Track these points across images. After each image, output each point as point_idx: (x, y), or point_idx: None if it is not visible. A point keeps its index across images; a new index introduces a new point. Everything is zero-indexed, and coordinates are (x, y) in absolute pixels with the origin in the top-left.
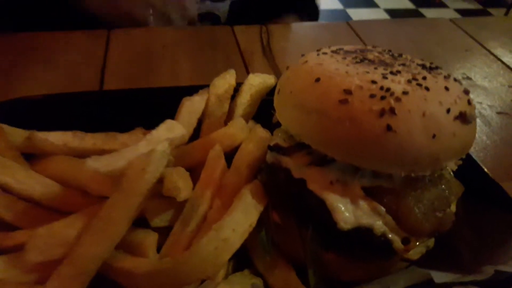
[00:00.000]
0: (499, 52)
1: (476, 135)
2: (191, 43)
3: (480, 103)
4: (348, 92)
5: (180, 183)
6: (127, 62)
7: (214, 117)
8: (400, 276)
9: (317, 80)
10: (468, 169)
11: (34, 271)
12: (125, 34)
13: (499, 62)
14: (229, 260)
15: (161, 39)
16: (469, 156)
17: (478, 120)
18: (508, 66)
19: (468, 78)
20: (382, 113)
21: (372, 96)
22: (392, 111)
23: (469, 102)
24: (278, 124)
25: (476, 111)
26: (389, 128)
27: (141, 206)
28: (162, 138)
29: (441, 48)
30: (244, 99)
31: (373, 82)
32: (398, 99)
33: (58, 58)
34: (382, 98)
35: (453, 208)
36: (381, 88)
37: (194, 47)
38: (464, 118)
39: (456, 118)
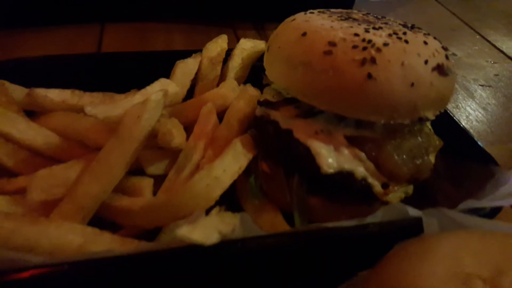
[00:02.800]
0: (485, 32)
1: (460, 105)
2: (185, 19)
3: (464, 77)
4: (332, 44)
5: (174, 131)
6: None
7: (207, 79)
8: (378, 212)
9: (304, 34)
10: (448, 127)
11: (36, 209)
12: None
13: (484, 41)
14: (220, 205)
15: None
16: (448, 115)
17: (462, 92)
18: (493, 45)
19: (454, 54)
20: (363, 62)
21: (354, 47)
22: (373, 60)
23: (447, 57)
24: (268, 86)
25: (461, 84)
26: (369, 76)
27: (136, 152)
28: None
29: (428, 27)
30: (236, 62)
31: (356, 35)
32: (378, 50)
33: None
34: (364, 49)
35: (432, 160)
36: (363, 40)
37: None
38: (442, 70)
39: (433, 69)
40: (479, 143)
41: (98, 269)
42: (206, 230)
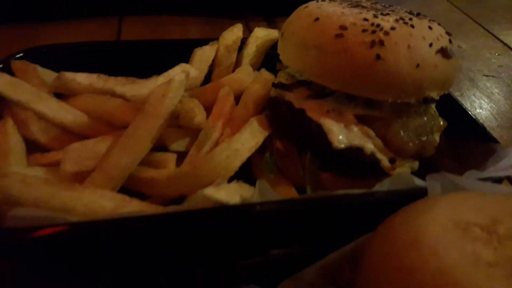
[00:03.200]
0: (489, 26)
1: (464, 94)
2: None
3: (469, 68)
4: (343, 28)
5: (196, 109)
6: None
7: (223, 66)
8: (386, 181)
9: (316, 19)
10: (452, 110)
11: (69, 180)
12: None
13: (489, 34)
14: (238, 180)
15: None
16: (452, 98)
17: (467, 82)
18: (497, 38)
19: (459, 46)
20: (372, 44)
21: (364, 30)
22: (381, 43)
23: (450, 41)
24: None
25: (466, 75)
26: (378, 57)
27: (161, 128)
28: None
29: None
30: (251, 50)
31: (365, 19)
32: (386, 33)
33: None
34: (373, 32)
35: (436, 138)
36: (372, 24)
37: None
38: (445, 53)
39: (437, 52)
40: (480, 123)
41: (129, 227)
42: (229, 192)
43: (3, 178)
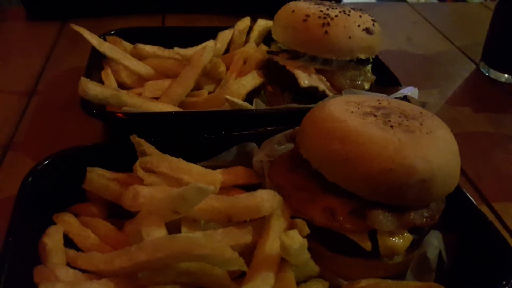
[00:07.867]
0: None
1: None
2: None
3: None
4: (307, 15)
5: (219, 64)
6: None
7: (236, 43)
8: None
9: (293, 11)
10: (380, 70)
11: None
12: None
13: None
14: None
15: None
16: (381, 62)
17: None
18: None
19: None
20: (323, 25)
21: (319, 17)
22: (328, 24)
23: (373, 24)
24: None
25: None
26: (326, 32)
27: (199, 74)
28: None
29: (393, 20)
30: (255, 33)
31: (321, 11)
32: (332, 18)
33: None
34: (324, 18)
35: (366, 86)
36: (325, 13)
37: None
38: (368, 30)
39: (363, 30)
40: (394, 75)
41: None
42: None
43: (117, 92)
